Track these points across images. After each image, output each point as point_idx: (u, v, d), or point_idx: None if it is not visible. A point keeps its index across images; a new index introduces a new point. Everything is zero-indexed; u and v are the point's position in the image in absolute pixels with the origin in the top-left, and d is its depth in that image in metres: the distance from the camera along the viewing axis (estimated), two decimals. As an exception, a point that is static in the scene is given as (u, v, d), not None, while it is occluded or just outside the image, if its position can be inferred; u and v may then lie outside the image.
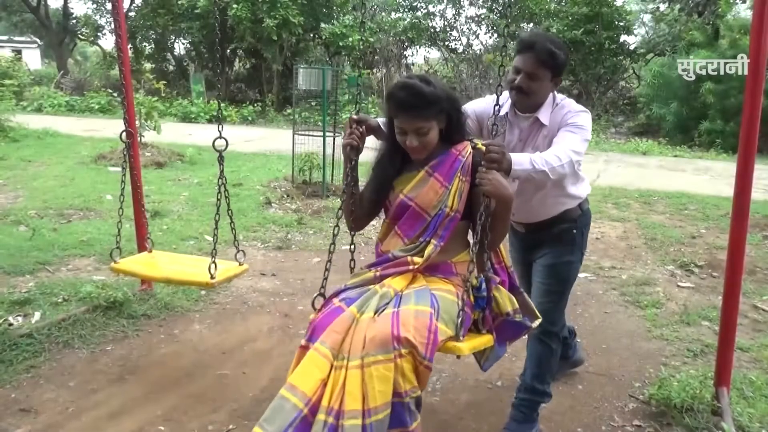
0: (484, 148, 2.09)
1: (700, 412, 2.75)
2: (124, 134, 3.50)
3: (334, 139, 7.64)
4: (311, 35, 19.60)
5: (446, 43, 21.95)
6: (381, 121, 2.32)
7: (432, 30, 21.50)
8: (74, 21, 28.54)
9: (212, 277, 2.99)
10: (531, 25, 19.81)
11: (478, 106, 2.61)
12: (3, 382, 3.02)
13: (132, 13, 21.48)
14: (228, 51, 19.05)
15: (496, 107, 2.11)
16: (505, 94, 2.51)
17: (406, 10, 21.20)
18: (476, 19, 21.43)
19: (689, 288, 4.78)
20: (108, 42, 26.58)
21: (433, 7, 20.86)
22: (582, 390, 3.19)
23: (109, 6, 22.85)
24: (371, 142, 2.35)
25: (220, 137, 2.98)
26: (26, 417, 2.77)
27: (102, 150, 9.92)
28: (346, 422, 1.75)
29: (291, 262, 5.14)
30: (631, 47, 19.34)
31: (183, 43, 23.66)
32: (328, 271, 2.29)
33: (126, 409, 2.87)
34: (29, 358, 3.26)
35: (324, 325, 1.95)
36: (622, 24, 18.29)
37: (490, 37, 21.35)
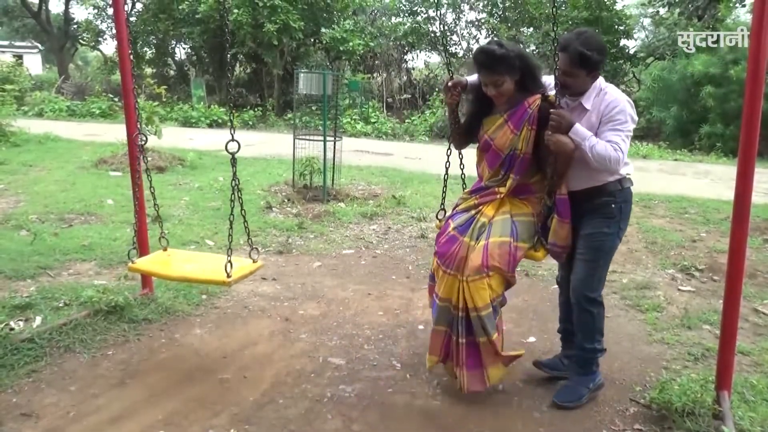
0: (553, 98, 2.80)
1: (701, 416, 2.75)
2: (137, 138, 3.53)
3: (334, 143, 7.65)
4: (312, 40, 19.62)
5: (446, 48, 21.99)
6: (469, 79, 3.07)
7: (432, 34, 21.54)
8: (75, 26, 28.62)
9: (228, 276, 3.03)
10: (531, 29, 19.88)
11: None
12: (4, 387, 3.02)
13: (133, 18, 21.52)
14: (229, 56, 19.07)
15: (557, 88, 2.76)
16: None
17: (407, 14, 21.25)
18: (476, 23, 21.48)
19: (690, 292, 4.78)
20: (109, 47, 26.69)
21: (434, 11, 20.91)
22: (583, 394, 3.18)
23: (110, 11, 22.97)
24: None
25: (233, 140, 3.03)
26: (27, 421, 2.77)
27: (103, 155, 9.93)
28: (471, 314, 2.85)
29: (292, 267, 5.15)
30: (631, 51, 19.37)
31: (184, 48, 23.74)
32: (445, 193, 3.42)
33: (127, 413, 2.87)
34: (30, 362, 3.26)
35: (446, 251, 2.93)
36: (621, 28, 18.33)
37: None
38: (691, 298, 4.64)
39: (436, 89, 19.70)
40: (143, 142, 3.70)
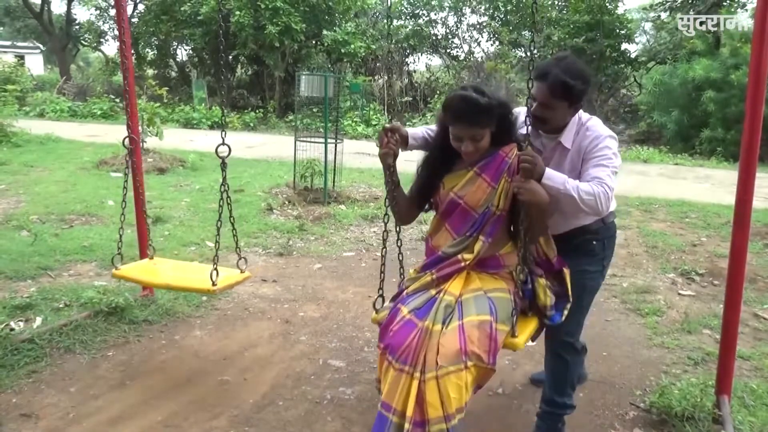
0: (529, 148, 2.23)
1: (701, 420, 2.75)
2: (126, 140, 3.51)
3: (335, 145, 7.66)
4: (313, 42, 19.66)
5: (448, 51, 22.04)
6: (410, 131, 2.53)
7: (434, 37, 21.58)
8: (77, 27, 28.69)
9: (214, 284, 2.99)
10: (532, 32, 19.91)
11: None
12: (4, 387, 3.03)
13: (135, 20, 21.57)
14: (230, 58, 19.09)
15: (527, 118, 2.20)
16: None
17: (408, 17, 21.29)
18: (478, 26, 21.53)
19: (690, 296, 4.78)
20: (110, 48, 26.81)
21: (435, 14, 20.97)
22: (583, 398, 3.18)
23: (112, 12, 23.02)
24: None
25: (223, 143, 2.95)
26: (27, 422, 2.77)
27: (104, 155, 9.94)
28: (432, 428, 2.01)
29: (292, 269, 5.15)
30: (632, 55, 19.40)
31: (185, 50, 23.77)
32: (384, 274, 2.57)
33: (127, 414, 2.87)
34: (30, 363, 3.27)
35: (400, 341, 2.13)
36: (623, 32, 18.35)
37: (492, 45, 21.45)
38: (691, 302, 4.64)
39: (438, 92, 19.73)
40: (132, 147, 3.65)
